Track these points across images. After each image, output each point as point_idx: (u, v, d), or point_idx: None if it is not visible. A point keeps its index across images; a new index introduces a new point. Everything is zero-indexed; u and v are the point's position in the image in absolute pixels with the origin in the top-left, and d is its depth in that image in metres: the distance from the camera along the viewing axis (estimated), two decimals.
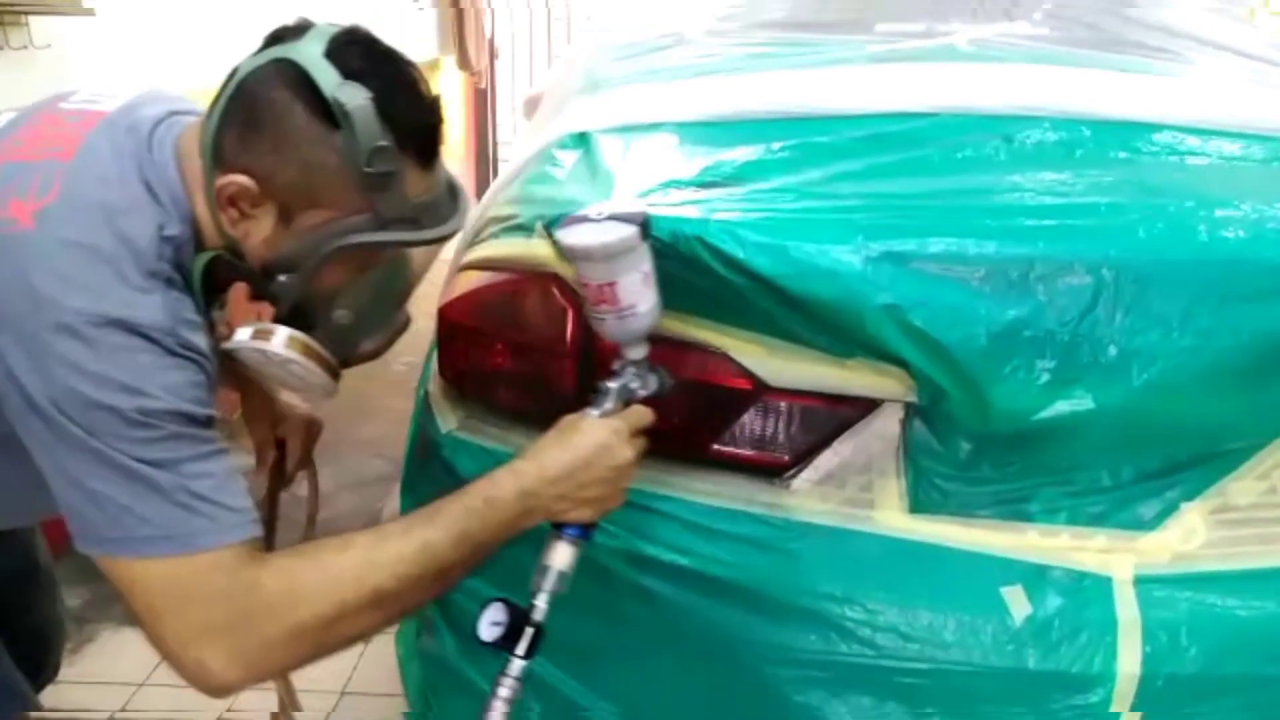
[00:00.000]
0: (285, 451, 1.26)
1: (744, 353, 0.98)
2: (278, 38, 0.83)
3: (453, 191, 0.90)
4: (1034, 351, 0.89)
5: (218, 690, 0.77)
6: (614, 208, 0.89)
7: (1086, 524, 0.98)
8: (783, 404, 1.00)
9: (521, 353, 1.11)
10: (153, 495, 0.73)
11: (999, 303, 0.89)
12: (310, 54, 0.79)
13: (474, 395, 1.16)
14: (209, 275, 0.84)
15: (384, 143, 0.79)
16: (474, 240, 1.20)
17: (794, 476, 1.01)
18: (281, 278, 0.84)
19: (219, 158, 0.81)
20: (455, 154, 5.75)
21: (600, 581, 1.02)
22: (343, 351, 0.90)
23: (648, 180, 1.03)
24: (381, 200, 0.81)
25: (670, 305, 0.97)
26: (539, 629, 0.85)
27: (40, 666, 1.27)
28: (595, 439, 0.85)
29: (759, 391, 0.99)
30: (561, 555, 0.87)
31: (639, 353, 0.91)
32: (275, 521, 1.20)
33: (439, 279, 1.32)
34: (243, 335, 0.85)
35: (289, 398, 1.26)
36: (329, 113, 0.78)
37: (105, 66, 2.24)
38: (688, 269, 0.92)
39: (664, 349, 1.00)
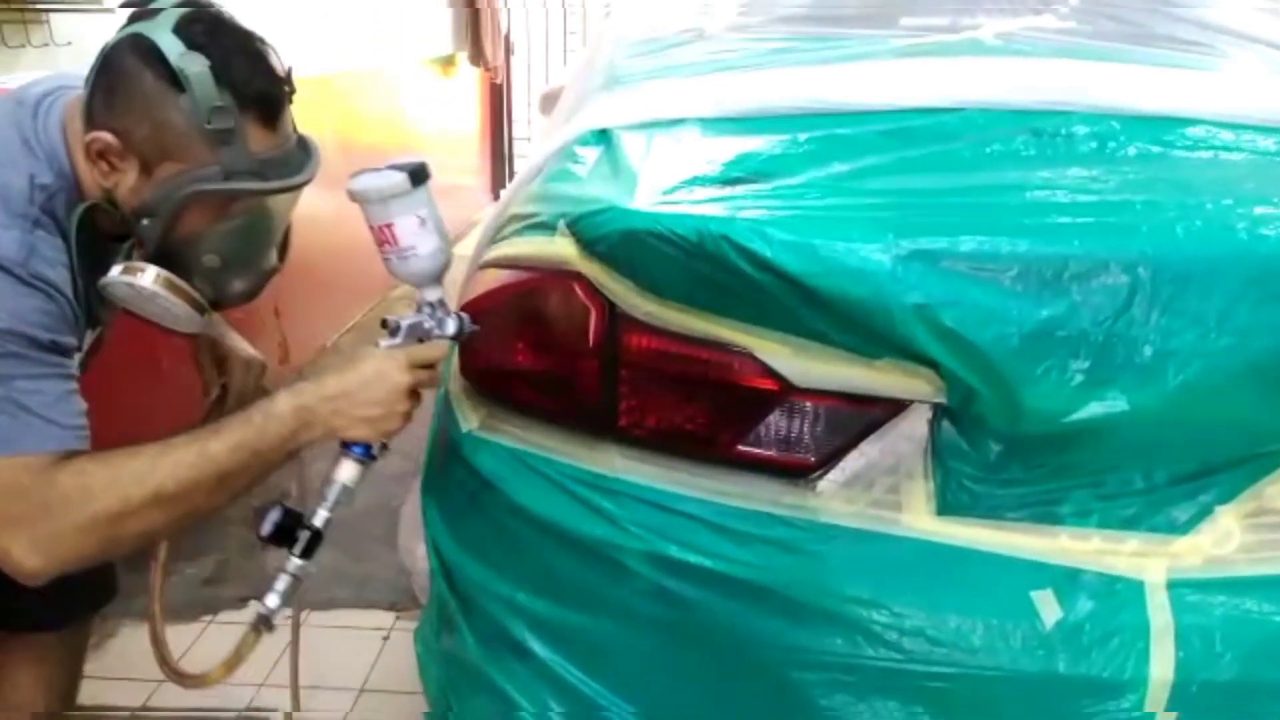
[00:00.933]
0: (226, 392, 1.32)
1: (770, 353, 0.96)
2: (136, 17, 0.95)
3: (304, 148, 1.02)
4: (1067, 352, 0.88)
5: (25, 578, 0.88)
6: (398, 160, 1.00)
7: (1119, 527, 0.97)
8: (809, 405, 0.99)
9: (543, 352, 1.10)
10: None
11: (1032, 302, 0.87)
12: (159, 29, 0.92)
13: (495, 394, 1.16)
14: (93, 224, 0.96)
15: (221, 103, 0.91)
16: (495, 238, 1.19)
17: (820, 478, 1.00)
18: (144, 222, 0.95)
19: (89, 119, 0.94)
20: (471, 149, 5.76)
21: (622, 582, 1.02)
22: (216, 292, 1.00)
23: (671, 177, 1.02)
24: (225, 154, 0.93)
25: (695, 304, 0.97)
26: (316, 533, 1.00)
27: (96, 581, 1.33)
28: (374, 364, 0.98)
29: (785, 392, 0.98)
30: (346, 471, 1.01)
31: (433, 294, 1.03)
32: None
33: (459, 276, 1.31)
34: (114, 272, 0.95)
35: (235, 340, 1.34)
36: (174, 78, 0.91)
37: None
38: (714, 268, 0.91)
39: (689, 348, 0.99)
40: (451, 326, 1.04)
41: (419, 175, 0.97)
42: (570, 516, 1.04)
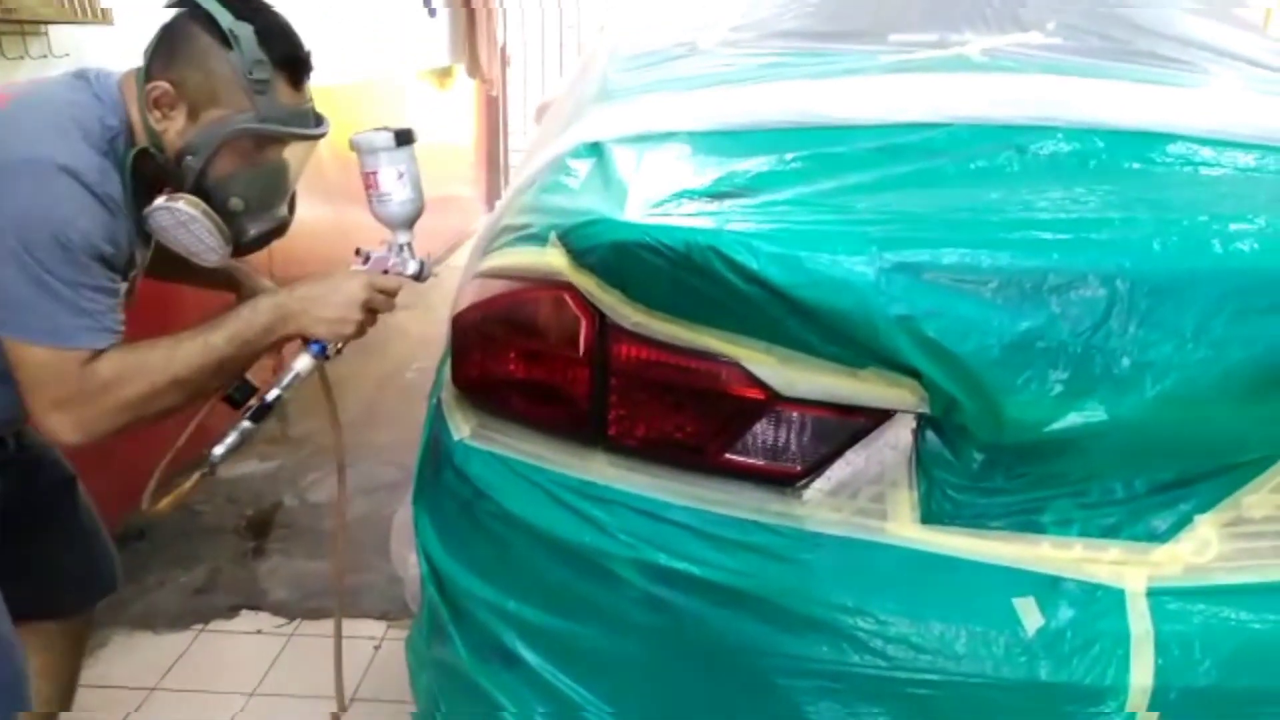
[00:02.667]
0: None
1: (757, 363, 0.98)
2: None
3: (317, 115, 1.23)
4: (1047, 363, 0.89)
5: (64, 446, 1.16)
6: (388, 126, 1.21)
7: (1099, 536, 0.98)
8: (795, 414, 1.00)
9: (534, 361, 1.11)
10: (53, 301, 1.04)
11: (1012, 314, 0.89)
12: (211, 3, 1.12)
13: (487, 403, 1.17)
14: (138, 165, 1.14)
15: (261, 59, 1.12)
16: (488, 249, 1.20)
17: (806, 486, 1.01)
18: (188, 159, 1.14)
19: (150, 75, 1.14)
20: (467, 160, 5.77)
21: (611, 589, 1.03)
22: (237, 234, 1.18)
23: (661, 190, 1.04)
24: (260, 102, 1.13)
25: (684, 314, 0.98)
26: (265, 404, 1.20)
27: (91, 570, 1.48)
28: (340, 278, 1.19)
29: (771, 401, 0.99)
30: (302, 361, 1.20)
31: (402, 238, 1.25)
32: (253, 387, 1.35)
33: (452, 287, 1.33)
34: (158, 201, 1.12)
35: (265, 285, 1.44)
36: (225, 38, 1.11)
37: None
38: (702, 279, 0.92)
39: (678, 358, 1.00)
40: (413, 267, 1.25)
41: (404, 137, 1.21)
42: (560, 524, 1.05)
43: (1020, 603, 0.95)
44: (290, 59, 1.16)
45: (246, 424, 1.20)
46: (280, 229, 1.25)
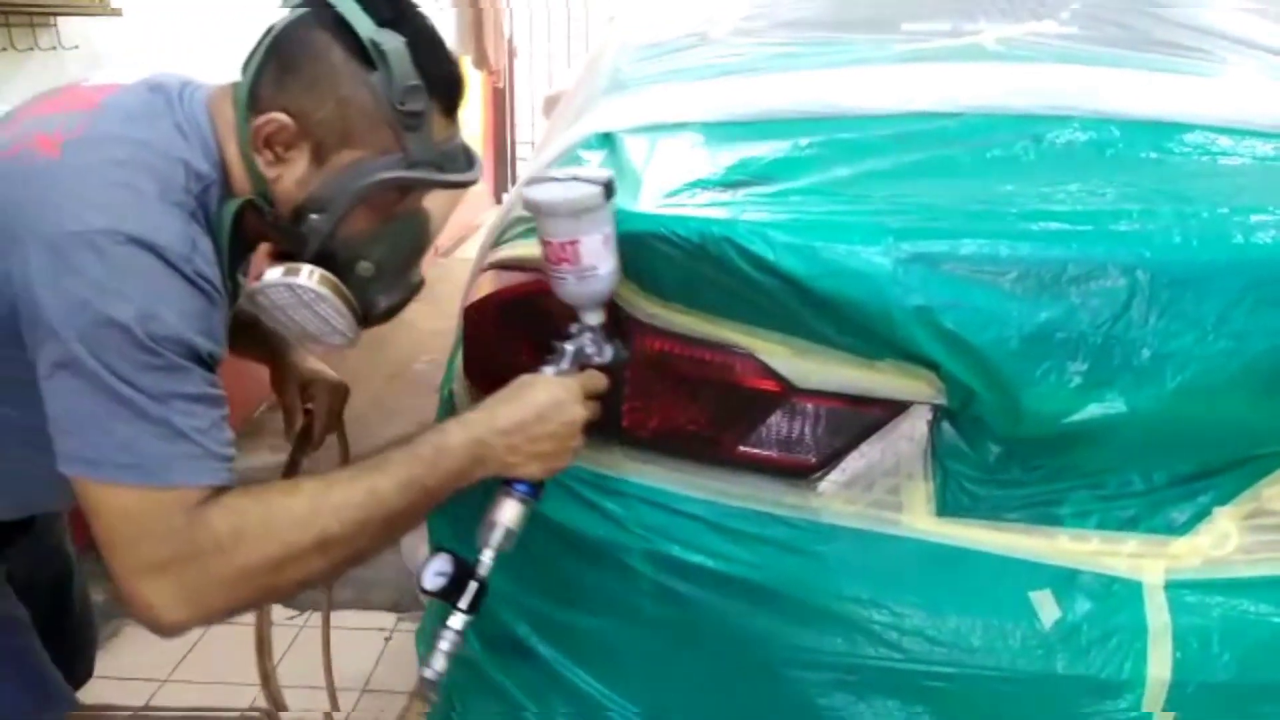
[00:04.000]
0: (312, 418, 1.27)
1: (772, 354, 0.97)
2: None
3: (467, 149, 0.94)
4: (1066, 354, 0.88)
5: (166, 630, 0.76)
6: (579, 171, 0.93)
7: (1117, 528, 0.97)
8: (810, 406, 1.00)
9: (546, 353, 1.10)
10: (137, 423, 0.74)
11: (1031, 305, 0.88)
12: (346, 4, 0.84)
13: None
14: (236, 226, 0.86)
15: (416, 83, 0.84)
16: (498, 240, 1.20)
17: (821, 479, 1.00)
18: (313, 217, 0.86)
19: (255, 102, 0.85)
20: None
21: (625, 582, 1.03)
22: (363, 306, 0.91)
23: (674, 180, 1.03)
24: (411, 140, 0.85)
25: (698, 306, 0.98)
26: (483, 584, 0.87)
27: (77, 657, 1.29)
28: (549, 394, 0.87)
29: (786, 393, 0.99)
30: (509, 512, 0.88)
31: (596, 318, 0.94)
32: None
33: (461, 279, 1.32)
34: (273, 274, 0.86)
35: (314, 363, 1.27)
36: (365, 54, 0.83)
37: (132, 65, 2.26)
38: (716, 270, 0.92)
39: (692, 349, 1.00)
40: (610, 353, 0.95)
41: (611, 188, 0.89)
42: (574, 517, 1.05)
43: (1037, 595, 0.95)
44: (450, 80, 0.89)
45: (463, 615, 0.86)
46: (413, 295, 0.98)
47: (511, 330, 1.13)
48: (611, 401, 0.99)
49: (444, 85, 0.88)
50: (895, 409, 0.98)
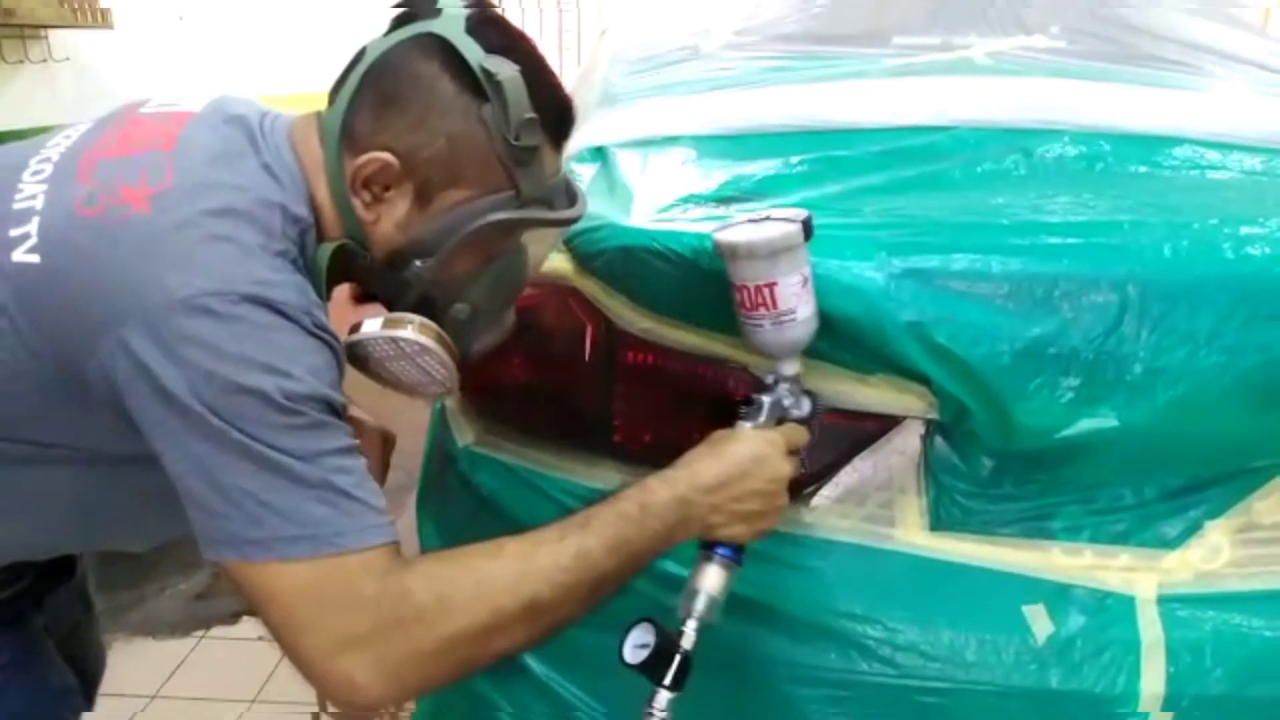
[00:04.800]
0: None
1: (764, 368, 0.97)
2: (409, 17, 0.80)
3: (569, 182, 0.88)
4: (1058, 369, 0.89)
5: (367, 707, 0.70)
6: (774, 211, 0.87)
7: (1110, 542, 0.97)
8: None
9: (539, 366, 1.10)
10: (295, 490, 0.67)
11: (1023, 320, 0.88)
12: (452, 29, 0.78)
13: (491, 409, 1.16)
14: (333, 264, 0.79)
15: (531, 115, 0.77)
16: None
17: (814, 493, 1.00)
18: (417, 263, 0.80)
19: (350, 139, 0.79)
20: None
21: (619, 597, 1.02)
22: (461, 351, 0.85)
23: (666, 194, 1.03)
24: (523, 177, 0.79)
25: (691, 320, 0.98)
26: (686, 658, 0.80)
27: (89, 692, 1.20)
28: (751, 449, 0.82)
29: None
30: (713, 578, 0.82)
31: (792, 368, 0.88)
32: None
33: None
34: (372, 326, 0.80)
35: (358, 412, 1.13)
36: (477, 85, 0.77)
37: (122, 78, 2.26)
38: (708, 284, 0.91)
39: (685, 363, 1.00)
40: (808, 406, 0.89)
41: (810, 226, 0.82)
42: None
43: (1030, 610, 0.95)
44: (563, 110, 0.83)
45: (666, 694, 0.80)
46: (505, 336, 0.93)
47: (504, 343, 1.12)
48: (601, 413, 0.99)
49: (557, 116, 0.82)
50: (888, 423, 0.98)
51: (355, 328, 0.81)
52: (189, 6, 2.63)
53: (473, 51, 0.77)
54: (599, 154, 1.20)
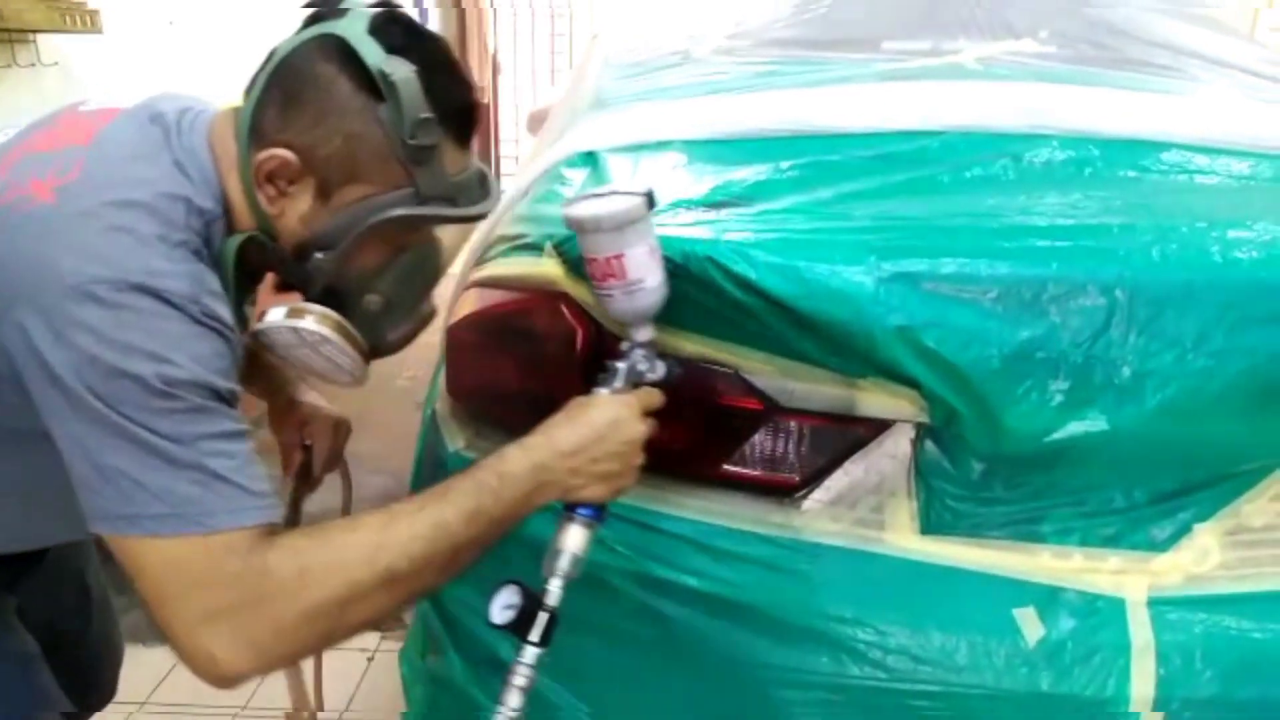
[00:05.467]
0: (311, 454, 1.23)
1: (755, 373, 0.97)
2: (317, 17, 0.83)
3: (482, 176, 0.90)
4: (1047, 373, 0.89)
5: (228, 681, 0.73)
6: (618, 185, 0.90)
7: (1100, 545, 0.98)
8: (794, 424, 1.00)
9: (529, 371, 1.10)
10: (168, 470, 0.71)
11: (1012, 324, 0.88)
12: (354, 30, 0.80)
13: (482, 414, 1.16)
14: (240, 260, 0.83)
15: (427, 115, 0.80)
16: (482, 258, 1.20)
17: (805, 497, 1.00)
18: (318, 255, 0.84)
19: (257, 135, 0.82)
20: None
21: (609, 602, 1.02)
22: (371, 340, 0.89)
23: (657, 199, 1.03)
24: (421, 175, 0.82)
25: (681, 325, 0.98)
26: (553, 615, 0.84)
27: (90, 686, 1.26)
28: (606, 413, 0.85)
29: (770, 411, 0.99)
30: (574, 538, 0.86)
31: (646, 334, 0.92)
32: (299, 525, 1.16)
33: (445, 297, 1.32)
34: (276, 315, 0.84)
35: (314, 398, 1.23)
36: (374, 85, 0.80)
37: (112, 83, 2.25)
38: (699, 289, 0.92)
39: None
40: (663, 369, 0.93)
41: (653, 199, 0.86)
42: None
43: (1020, 613, 0.95)
44: (464, 109, 0.85)
45: (533, 649, 0.83)
46: (425, 326, 0.96)
47: (495, 348, 1.12)
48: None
49: (457, 115, 0.84)
50: (878, 427, 0.98)
51: (261, 315, 0.85)
52: (179, 12, 2.62)
53: (371, 52, 0.80)
54: (590, 159, 1.20)
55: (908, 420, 0.97)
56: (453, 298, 1.27)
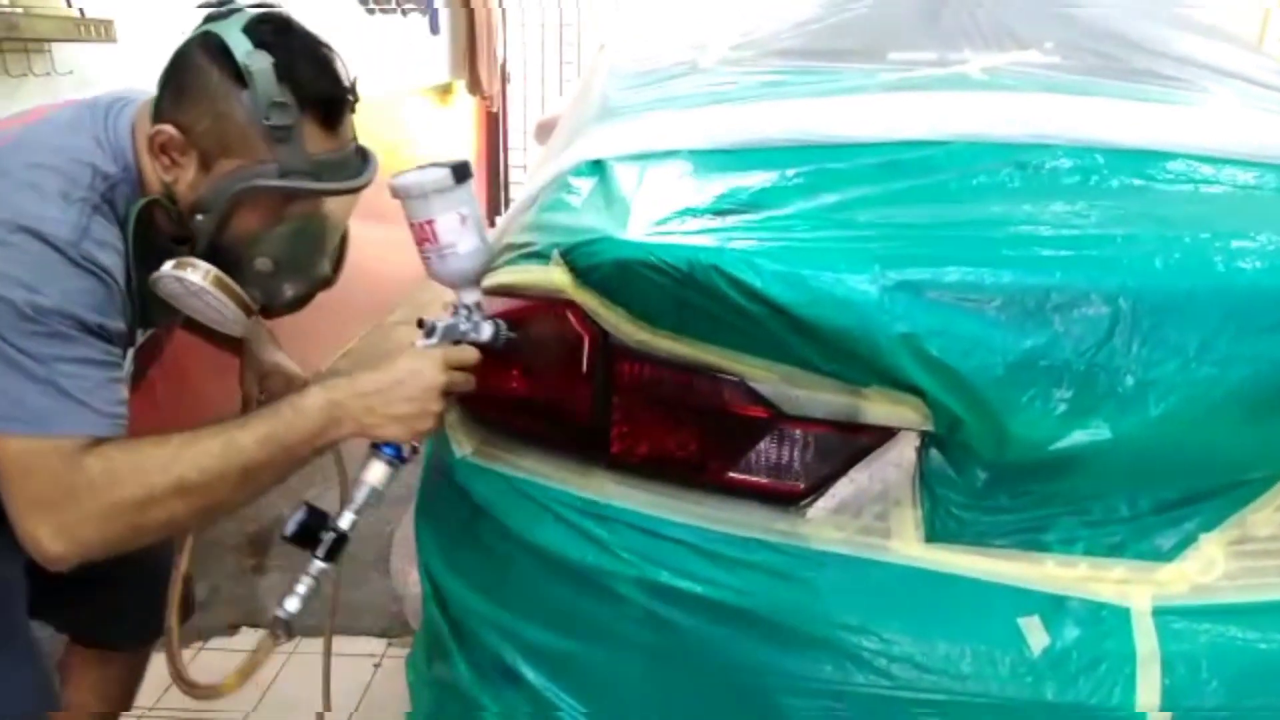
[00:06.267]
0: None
1: (760, 380, 0.98)
2: (210, 18, 0.98)
3: (362, 156, 1.04)
4: (1051, 381, 0.89)
5: (50, 562, 0.89)
6: (439, 159, 1.01)
7: (1104, 554, 0.98)
8: (798, 432, 1.00)
9: (536, 378, 1.11)
10: (23, 381, 0.87)
11: (1015, 332, 0.89)
12: (229, 28, 0.95)
13: (488, 420, 1.17)
14: (150, 219, 0.98)
15: (281, 100, 0.93)
16: (490, 267, 1.20)
17: (810, 505, 1.01)
18: (199, 217, 0.97)
19: (157, 114, 0.98)
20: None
21: (614, 608, 1.02)
22: (266, 297, 1.02)
23: (663, 208, 1.04)
24: (281, 151, 0.95)
25: (686, 332, 0.98)
26: (341, 536, 0.98)
27: (157, 616, 1.32)
28: (410, 362, 0.98)
29: (775, 419, 0.99)
30: (375, 473, 0.99)
31: (470, 297, 1.03)
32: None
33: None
34: (166, 267, 0.96)
35: (281, 359, 1.35)
36: (239, 74, 0.93)
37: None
38: (704, 297, 0.92)
39: (681, 375, 1.00)
40: (487, 332, 1.04)
41: (461, 172, 0.99)
42: (563, 542, 1.05)
43: (1025, 622, 0.95)
44: (322, 98, 0.97)
45: (320, 565, 0.98)
46: (322, 286, 1.09)
47: (503, 356, 1.13)
48: (598, 425, 0.99)
49: (316, 102, 0.96)
50: (883, 435, 0.98)
51: (156, 267, 0.97)
52: (191, 22, 2.64)
53: (241, 47, 0.94)
54: (597, 167, 1.21)
55: (912, 428, 0.97)
56: None
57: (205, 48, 0.95)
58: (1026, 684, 0.93)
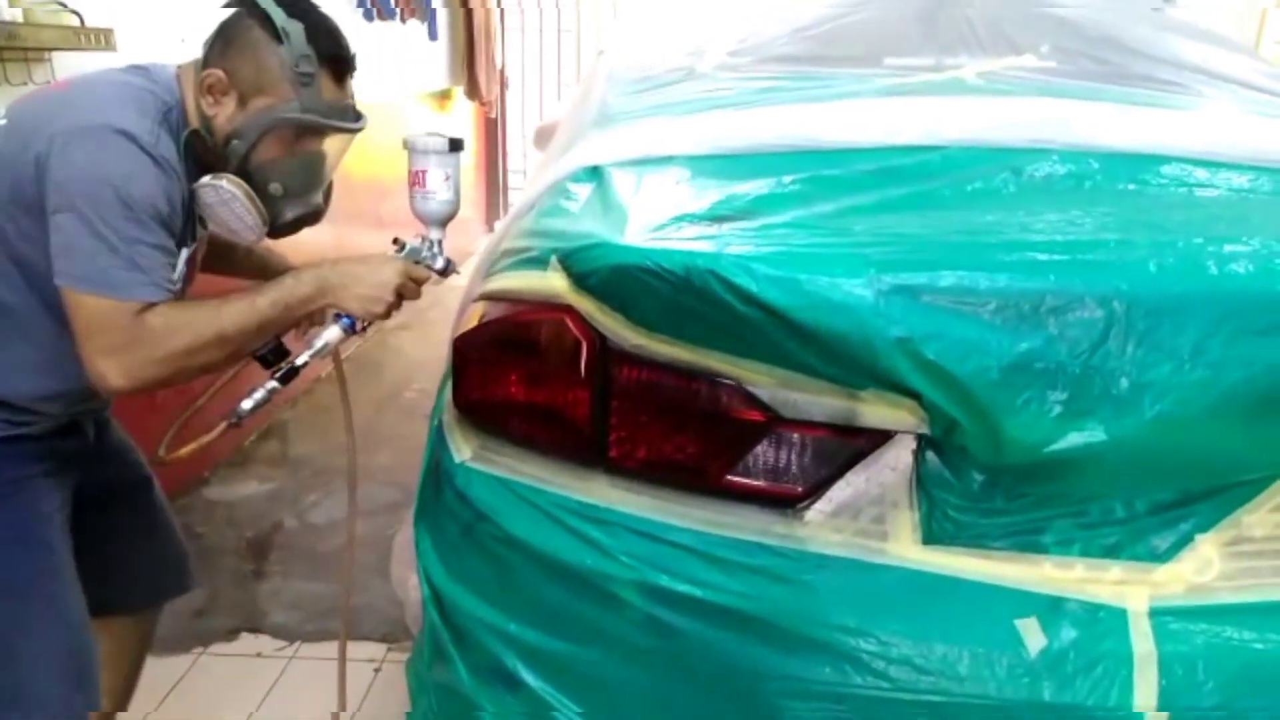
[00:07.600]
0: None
1: (757, 384, 0.98)
2: None
3: (356, 112, 1.30)
4: (1046, 384, 0.90)
5: (112, 393, 1.16)
6: (444, 132, 1.28)
7: (1101, 555, 0.98)
8: (796, 435, 1.00)
9: (535, 383, 1.11)
10: (109, 255, 1.10)
11: (1011, 335, 0.89)
12: (268, 2, 1.21)
13: (488, 425, 1.17)
14: (190, 146, 1.22)
15: (308, 54, 1.20)
16: (489, 272, 1.21)
17: (807, 508, 1.01)
18: (234, 143, 1.22)
19: (205, 63, 1.22)
20: (467, 180, 5.79)
21: (613, 611, 1.03)
22: (273, 216, 1.26)
23: (660, 213, 1.05)
24: (304, 94, 1.21)
25: (684, 337, 0.99)
26: (294, 368, 1.25)
27: (169, 572, 1.55)
28: (378, 264, 1.26)
29: (772, 423, 0.99)
30: (332, 332, 1.27)
31: (436, 234, 1.31)
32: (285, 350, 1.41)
33: (452, 309, 1.33)
34: (205, 179, 1.20)
35: (289, 262, 1.52)
36: (277, 34, 1.19)
37: None
38: (701, 302, 0.93)
39: (678, 380, 1.01)
40: (441, 262, 1.31)
41: (456, 144, 1.29)
42: (562, 547, 1.05)
43: (1023, 623, 0.95)
44: (335, 57, 1.24)
45: (274, 384, 1.25)
46: (315, 215, 1.32)
47: (501, 361, 1.14)
48: (596, 430, 1.00)
49: (332, 60, 1.23)
50: (880, 438, 0.99)
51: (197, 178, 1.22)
52: (191, 29, 2.65)
53: (278, 14, 1.20)
54: (595, 173, 1.21)
55: (909, 431, 0.98)
56: (460, 310, 1.29)
57: (251, 14, 1.21)
58: (1024, 685, 0.94)
